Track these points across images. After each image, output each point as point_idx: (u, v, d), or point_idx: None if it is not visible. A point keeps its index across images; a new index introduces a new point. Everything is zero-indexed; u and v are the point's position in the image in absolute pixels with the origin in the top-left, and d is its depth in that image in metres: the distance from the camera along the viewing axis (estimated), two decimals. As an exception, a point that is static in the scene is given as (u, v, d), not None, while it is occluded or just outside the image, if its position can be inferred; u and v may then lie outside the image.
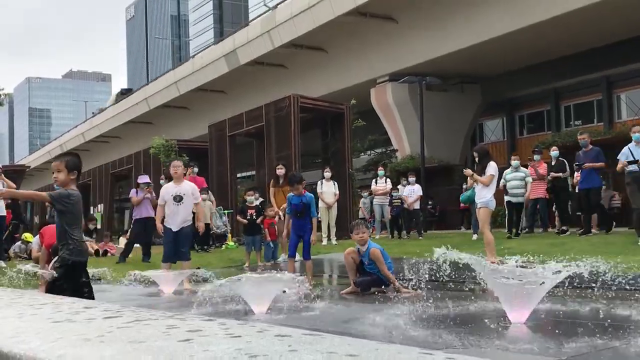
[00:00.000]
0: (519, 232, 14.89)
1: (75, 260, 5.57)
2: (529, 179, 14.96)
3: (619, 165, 11.70)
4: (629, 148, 11.63)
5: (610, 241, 11.87)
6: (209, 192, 18.08)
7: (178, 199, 9.48)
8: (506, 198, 15.09)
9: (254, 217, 13.10)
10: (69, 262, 5.52)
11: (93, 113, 68.73)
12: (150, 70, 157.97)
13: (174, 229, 9.45)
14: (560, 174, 15.00)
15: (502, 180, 14.68)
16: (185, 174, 17.22)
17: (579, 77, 28.65)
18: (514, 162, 15.25)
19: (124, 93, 59.13)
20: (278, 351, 1.95)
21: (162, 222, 9.52)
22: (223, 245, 17.89)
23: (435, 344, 4.35)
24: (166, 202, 9.55)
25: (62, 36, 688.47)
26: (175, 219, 9.49)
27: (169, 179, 11.56)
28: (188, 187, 9.69)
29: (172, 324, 2.72)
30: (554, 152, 15.52)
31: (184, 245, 9.60)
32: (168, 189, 9.68)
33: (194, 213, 10.15)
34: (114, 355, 2.16)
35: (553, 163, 15.26)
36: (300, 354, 1.89)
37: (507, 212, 15.51)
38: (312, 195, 9.47)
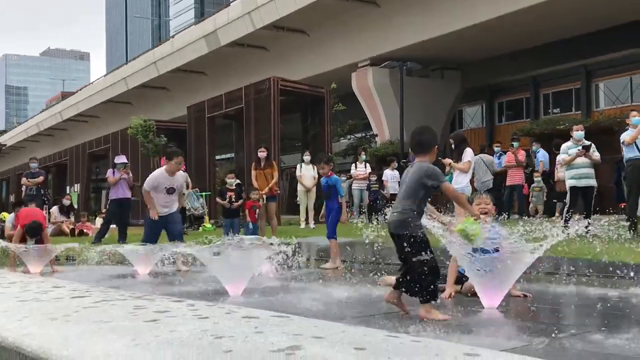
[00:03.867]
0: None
1: None
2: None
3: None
4: (567, 147, 11.66)
5: None
6: (186, 174, 17.98)
7: (171, 190, 9.70)
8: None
9: (233, 199, 13.07)
10: None
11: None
12: (129, 50, 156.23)
13: (162, 214, 9.63)
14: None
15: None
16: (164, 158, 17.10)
17: (559, 65, 28.81)
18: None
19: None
20: (244, 332, 1.94)
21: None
22: (200, 227, 17.85)
23: (405, 328, 4.38)
24: (157, 191, 9.66)
25: (39, 13, 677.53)
26: (164, 208, 9.70)
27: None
28: (181, 180, 9.97)
29: (140, 305, 2.70)
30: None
31: (179, 226, 9.93)
32: (161, 180, 9.73)
33: None
34: (78, 335, 2.13)
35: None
36: (265, 336, 1.89)
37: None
38: (338, 178, 10.07)
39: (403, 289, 5.00)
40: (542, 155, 16.43)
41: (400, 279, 5.02)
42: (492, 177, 15.02)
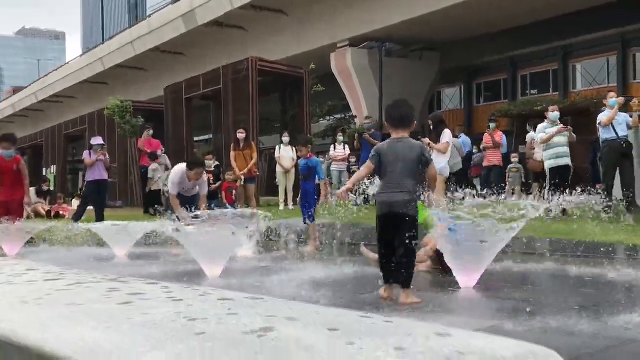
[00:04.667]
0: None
1: None
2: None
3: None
4: (544, 128, 11.75)
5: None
6: (165, 155, 17.89)
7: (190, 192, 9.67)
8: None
9: (212, 181, 13.04)
10: None
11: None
12: (105, 29, 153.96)
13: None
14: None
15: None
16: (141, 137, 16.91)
17: (537, 46, 28.94)
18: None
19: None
20: (217, 314, 1.94)
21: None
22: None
23: (379, 310, 4.41)
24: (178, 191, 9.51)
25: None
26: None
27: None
28: (201, 184, 9.77)
29: (113, 287, 2.68)
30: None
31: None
32: (186, 183, 9.55)
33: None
34: (51, 318, 2.12)
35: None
36: (239, 317, 1.89)
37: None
38: (319, 160, 9.97)
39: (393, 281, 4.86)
40: (462, 140, 15.92)
41: (396, 270, 4.81)
42: (460, 160, 14.98)
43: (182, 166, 9.71)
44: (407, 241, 4.75)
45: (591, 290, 5.38)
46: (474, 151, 18.67)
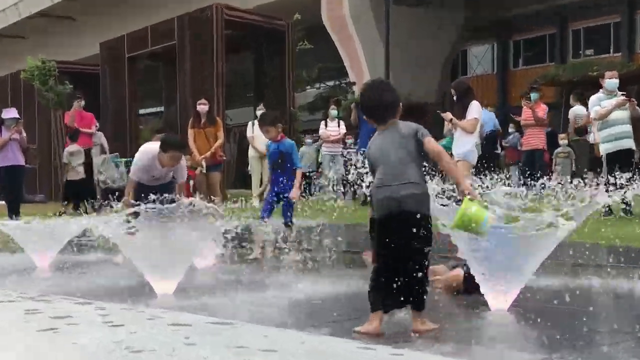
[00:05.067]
0: None
1: None
2: None
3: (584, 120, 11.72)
4: (599, 100, 11.78)
5: None
6: (100, 132, 17.85)
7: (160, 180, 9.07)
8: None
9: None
10: None
11: None
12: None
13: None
14: None
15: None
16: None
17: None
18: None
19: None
20: (170, 344, 1.94)
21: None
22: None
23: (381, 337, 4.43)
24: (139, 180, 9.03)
25: None
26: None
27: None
28: (177, 173, 9.24)
29: (33, 308, 2.68)
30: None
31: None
32: (157, 170, 9.01)
33: None
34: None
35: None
36: (198, 349, 1.89)
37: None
38: (293, 142, 9.86)
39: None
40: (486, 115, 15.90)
41: (403, 290, 4.64)
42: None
43: (152, 147, 9.25)
44: (420, 248, 4.65)
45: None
46: (510, 130, 18.74)
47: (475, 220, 4.70)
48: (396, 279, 4.63)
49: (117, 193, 18.16)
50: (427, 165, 5.00)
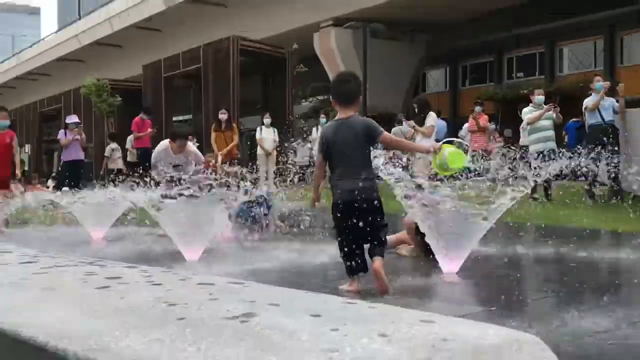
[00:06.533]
0: None
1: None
2: None
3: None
4: (530, 110, 11.79)
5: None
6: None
7: (178, 168, 8.69)
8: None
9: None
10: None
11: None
12: (82, 4, 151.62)
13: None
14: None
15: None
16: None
17: (523, 29, 28.99)
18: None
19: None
20: (198, 300, 1.93)
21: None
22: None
23: (362, 295, 4.43)
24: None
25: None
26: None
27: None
28: (191, 157, 8.99)
29: (91, 271, 2.66)
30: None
31: None
32: (162, 156, 8.90)
33: None
34: (27, 302, 2.10)
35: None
36: (220, 303, 1.88)
37: None
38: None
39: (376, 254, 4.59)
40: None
41: (372, 246, 4.60)
42: None
43: (163, 141, 9.32)
44: (378, 222, 4.57)
45: (572, 276, 5.42)
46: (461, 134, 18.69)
47: (453, 159, 4.75)
48: (359, 249, 4.56)
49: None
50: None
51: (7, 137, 10.06)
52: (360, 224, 4.47)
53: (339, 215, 4.58)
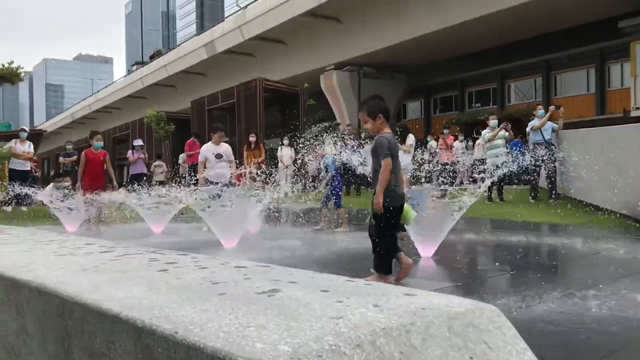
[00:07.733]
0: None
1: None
2: None
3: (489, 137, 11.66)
4: (487, 132, 11.76)
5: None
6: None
7: (218, 156, 8.65)
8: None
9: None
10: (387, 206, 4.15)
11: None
12: (144, 56, 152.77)
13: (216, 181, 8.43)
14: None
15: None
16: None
17: (480, 70, 28.99)
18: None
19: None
20: (235, 279, 1.94)
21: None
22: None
23: (360, 277, 4.41)
24: (207, 159, 8.62)
25: (72, 25, 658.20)
26: (217, 170, 8.57)
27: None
28: (227, 148, 8.86)
29: (153, 257, 2.67)
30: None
31: None
32: (208, 148, 8.71)
33: None
34: (105, 282, 2.12)
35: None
36: (252, 281, 1.89)
37: None
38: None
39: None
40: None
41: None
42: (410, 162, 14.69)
43: (209, 142, 9.28)
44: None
45: (521, 259, 5.40)
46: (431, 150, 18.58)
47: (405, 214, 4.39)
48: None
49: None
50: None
51: (101, 155, 9.91)
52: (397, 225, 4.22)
53: (395, 216, 4.17)
